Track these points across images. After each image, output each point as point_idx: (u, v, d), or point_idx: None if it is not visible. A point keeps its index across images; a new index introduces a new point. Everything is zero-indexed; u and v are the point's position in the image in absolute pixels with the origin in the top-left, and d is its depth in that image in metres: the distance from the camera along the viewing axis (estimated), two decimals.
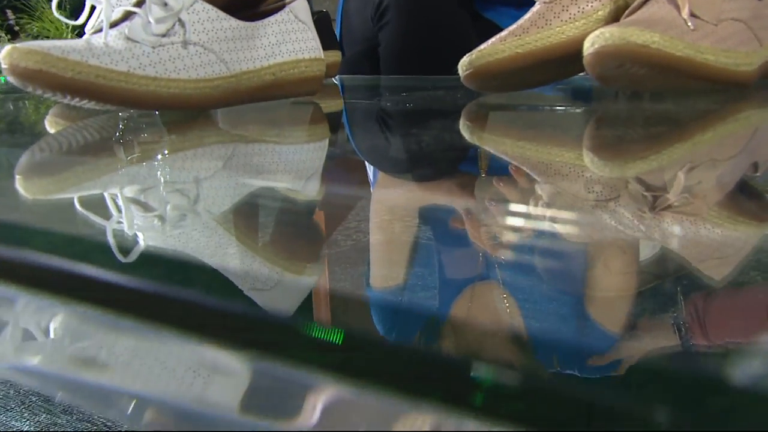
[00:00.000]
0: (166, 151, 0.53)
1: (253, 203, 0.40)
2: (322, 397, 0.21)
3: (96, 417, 0.59)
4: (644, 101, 0.63)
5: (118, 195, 0.40)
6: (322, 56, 0.74)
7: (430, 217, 0.38)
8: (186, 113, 0.65)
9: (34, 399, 0.65)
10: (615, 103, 0.68)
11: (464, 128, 0.59)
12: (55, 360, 0.29)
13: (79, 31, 0.66)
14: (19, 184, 0.43)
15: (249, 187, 0.43)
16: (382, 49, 1.28)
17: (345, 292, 0.28)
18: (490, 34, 0.70)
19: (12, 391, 0.64)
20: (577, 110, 0.70)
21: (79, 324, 0.29)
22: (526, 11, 0.67)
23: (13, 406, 0.66)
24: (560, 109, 0.70)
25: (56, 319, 0.29)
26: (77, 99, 0.59)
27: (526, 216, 0.35)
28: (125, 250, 0.31)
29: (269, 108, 0.70)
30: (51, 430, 0.60)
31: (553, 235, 0.33)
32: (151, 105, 0.61)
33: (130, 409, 0.27)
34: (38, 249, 0.31)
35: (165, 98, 0.61)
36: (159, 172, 0.47)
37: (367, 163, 0.51)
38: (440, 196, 0.41)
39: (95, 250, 0.33)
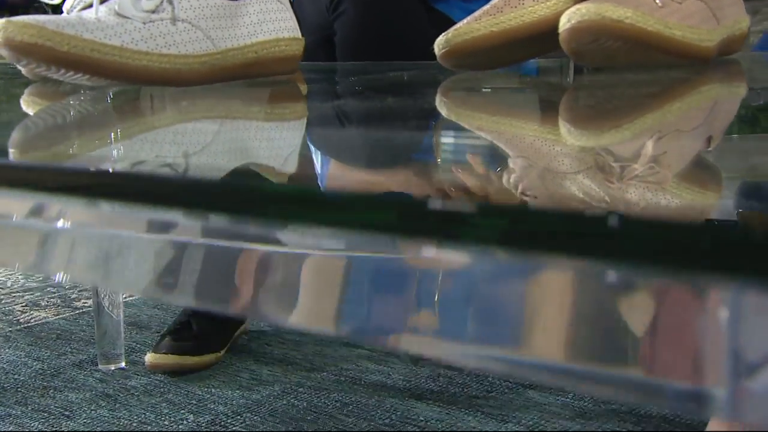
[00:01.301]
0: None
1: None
2: None
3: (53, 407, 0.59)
4: (607, 75, 0.67)
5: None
6: (300, 36, 0.76)
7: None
8: (170, 90, 0.66)
9: None
10: (579, 78, 0.72)
11: (440, 103, 0.62)
12: None
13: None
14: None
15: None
16: (338, 39, 1.30)
17: None
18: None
19: None
20: (545, 88, 0.74)
21: None
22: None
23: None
24: (529, 87, 0.74)
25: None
26: (71, 73, 0.60)
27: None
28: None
29: (251, 85, 0.72)
30: None
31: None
32: (142, 79, 0.63)
33: None
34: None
35: (156, 73, 0.63)
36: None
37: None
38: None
39: None
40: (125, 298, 1.51)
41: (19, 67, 0.75)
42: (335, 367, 1.32)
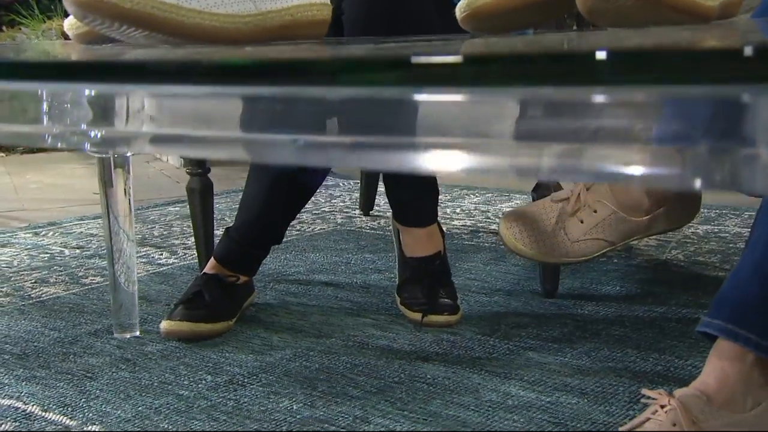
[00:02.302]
0: None
1: None
2: None
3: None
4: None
5: None
6: (329, 2, 0.81)
7: None
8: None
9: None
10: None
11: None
12: None
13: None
14: None
15: None
16: (345, 18, 1.35)
17: None
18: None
19: None
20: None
21: None
22: None
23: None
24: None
25: None
26: (132, 29, 0.65)
27: None
28: None
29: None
30: None
31: None
32: (195, 36, 0.68)
33: None
34: None
35: (208, 30, 0.68)
36: None
37: None
38: None
39: None
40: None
41: (70, 34, 0.80)
42: (342, 333, 1.38)
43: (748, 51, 0.29)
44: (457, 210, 2.30)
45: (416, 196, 1.45)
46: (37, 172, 3.23)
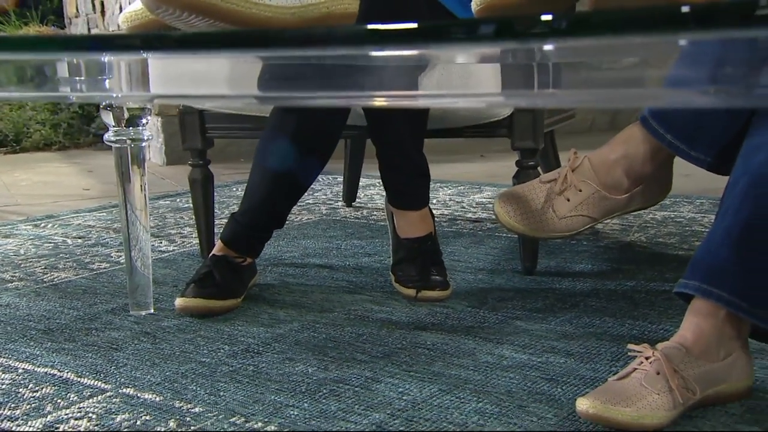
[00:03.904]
0: None
1: None
2: None
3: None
4: None
5: None
6: None
7: None
8: None
9: None
10: None
11: None
12: None
13: None
14: None
15: None
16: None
17: None
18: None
19: None
20: None
21: None
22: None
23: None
24: None
25: None
26: (197, 18, 0.71)
27: None
28: None
29: None
30: None
31: None
32: (250, 24, 0.74)
33: None
34: None
35: (261, 20, 0.74)
36: None
37: None
38: None
39: None
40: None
41: (124, 27, 0.86)
42: (343, 309, 1.44)
43: None
44: (434, 201, 2.37)
45: (410, 182, 1.52)
46: (25, 171, 3.23)
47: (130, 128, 1.37)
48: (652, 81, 0.41)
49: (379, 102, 0.48)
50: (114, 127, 1.37)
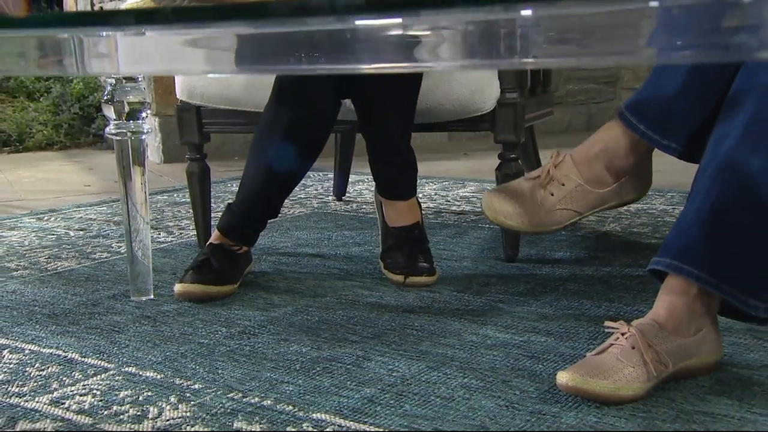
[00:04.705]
0: None
1: None
2: None
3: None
4: None
5: None
6: None
7: None
8: None
9: None
10: None
11: None
12: None
13: None
14: None
15: None
16: None
17: None
18: None
19: None
20: None
21: None
22: None
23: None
24: None
25: None
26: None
27: None
28: None
29: None
30: None
31: None
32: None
33: None
34: None
35: None
36: None
37: None
38: None
39: None
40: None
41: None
42: (335, 293, 1.45)
43: None
44: (421, 195, 2.38)
45: (398, 173, 1.53)
46: (28, 169, 3.22)
47: (131, 121, 1.37)
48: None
49: (368, 69, 0.49)
50: (115, 120, 1.37)
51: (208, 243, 1.52)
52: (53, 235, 1.99)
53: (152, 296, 1.44)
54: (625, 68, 4.01)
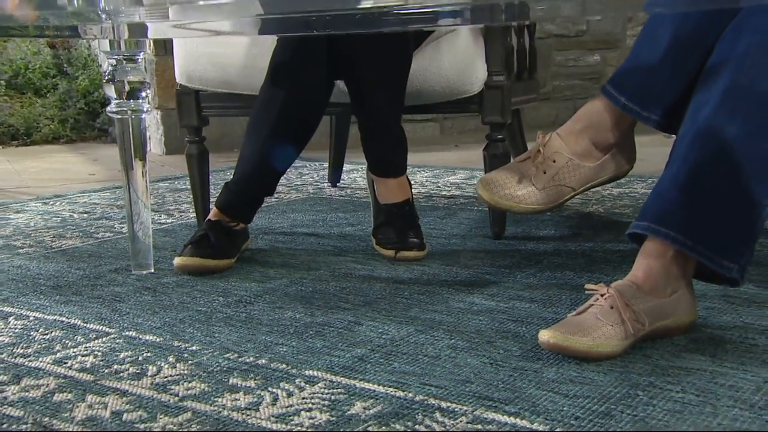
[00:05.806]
0: None
1: None
2: None
3: None
4: None
5: None
6: None
7: None
8: None
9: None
10: None
11: None
12: None
13: None
14: None
15: None
16: None
17: None
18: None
19: None
20: None
21: None
22: None
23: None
24: None
25: None
26: None
27: None
28: None
29: None
30: None
31: None
32: None
33: None
34: None
35: None
36: None
37: None
38: None
39: None
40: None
41: None
42: (328, 267, 1.45)
43: None
44: (413, 182, 2.38)
45: (389, 151, 1.53)
46: (35, 160, 3.21)
47: (131, 100, 1.37)
48: None
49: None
50: (116, 99, 1.37)
51: (206, 219, 1.52)
52: (58, 217, 1.99)
53: (152, 270, 1.44)
54: (609, 65, 4.01)
